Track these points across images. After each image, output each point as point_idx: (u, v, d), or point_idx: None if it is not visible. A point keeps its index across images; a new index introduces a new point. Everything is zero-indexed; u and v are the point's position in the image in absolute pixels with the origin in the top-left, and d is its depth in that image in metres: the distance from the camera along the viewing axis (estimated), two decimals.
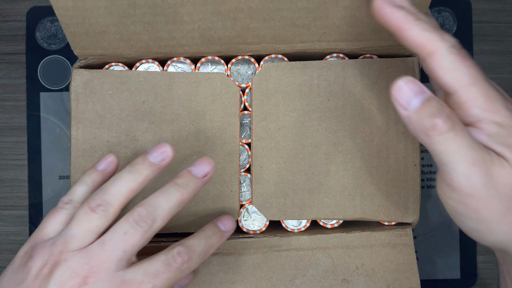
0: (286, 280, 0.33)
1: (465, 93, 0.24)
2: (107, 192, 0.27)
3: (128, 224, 0.26)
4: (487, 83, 0.24)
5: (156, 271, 0.26)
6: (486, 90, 0.23)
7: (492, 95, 0.23)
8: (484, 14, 0.45)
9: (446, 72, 0.24)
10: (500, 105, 0.23)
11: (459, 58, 0.24)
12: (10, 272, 0.27)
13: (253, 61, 0.34)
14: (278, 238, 0.33)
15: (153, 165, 0.28)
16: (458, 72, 0.24)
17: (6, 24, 0.44)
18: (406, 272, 0.33)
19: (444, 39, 0.24)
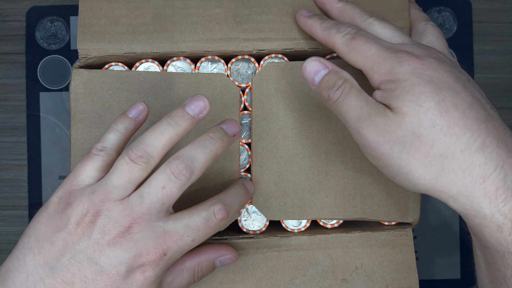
0: (286, 280, 0.33)
1: (364, 66, 0.28)
2: (148, 144, 0.27)
3: (166, 178, 0.26)
4: (379, 51, 0.27)
5: (196, 226, 0.27)
6: (378, 57, 0.27)
7: (385, 58, 0.27)
8: (484, 14, 0.45)
9: (346, 55, 0.29)
10: (392, 64, 0.27)
11: (351, 42, 0.28)
12: (45, 218, 0.26)
13: (253, 60, 0.34)
14: (278, 238, 0.33)
15: (191, 118, 0.28)
16: (354, 53, 0.28)
17: (6, 24, 0.44)
18: (405, 272, 0.33)
19: (339, 31, 0.29)
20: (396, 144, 0.26)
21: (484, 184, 0.24)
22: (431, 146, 0.25)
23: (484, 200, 0.24)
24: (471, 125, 0.25)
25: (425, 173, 0.26)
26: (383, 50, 0.27)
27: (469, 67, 0.44)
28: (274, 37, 0.33)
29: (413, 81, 0.26)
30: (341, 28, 0.29)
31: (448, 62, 0.27)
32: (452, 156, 0.25)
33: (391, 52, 0.27)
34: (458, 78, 0.26)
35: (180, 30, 0.33)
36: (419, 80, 0.26)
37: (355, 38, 0.28)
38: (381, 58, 0.27)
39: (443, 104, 0.25)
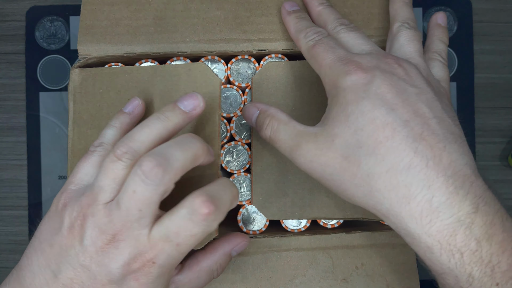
0: (286, 280, 0.33)
1: (320, 76, 0.29)
2: (135, 139, 0.25)
3: (137, 179, 0.23)
4: (332, 61, 0.27)
5: (177, 228, 0.24)
6: (329, 68, 0.27)
7: (334, 70, 0.27)
8: (485, 13, 0.45)
9: (308, 62, 0.30)
10: (337, 77, 0.27)
11: (311, 49, 0.29)
12: (47, 219, 0.26)
13: (253, 60, 0.34)
14: (278, 238, 0.33)
15: (184, 113, 0.26)
16: (312, 61, 0.29)
17: (6, 23, 0.44)
18: (405, 272, 0.33)
19: (305, 37, 0.30)
20: (328, 166, 0.26)
21: (410, 205, 0.24)
22: (358, 167, 0.25)
23: (411, 221, 0.24)
24: (399, 144, 0.24)
25: (357, 192, 0.25)
26: (336, 61, 0.27)
27: (469, 67, 0.44)
28: (274, 37, 0.33)
29: (349, 98, 0.25)
30: (308, 34, 0.30)
31: (399, 73, 0.26)
32: (378, 177, 0.24)
33: (342, 63, 0.27)
34: (401, 92, 0.25)
35: (181, 31, 0.33)
36: (355, 98, 0.25)
37: (315, 45, 0.29)
38: (331, 69, 0.27)
39: (372, 124, 0.25)
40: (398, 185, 0.24)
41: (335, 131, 0.26)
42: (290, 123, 0.28)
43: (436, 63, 0.30)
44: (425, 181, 0.23)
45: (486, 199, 0.23)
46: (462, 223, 0.23)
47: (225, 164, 0.34)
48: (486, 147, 0.44)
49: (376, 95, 0.25)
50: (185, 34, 0.33)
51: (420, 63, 0.28)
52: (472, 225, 0.23)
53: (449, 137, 0.25)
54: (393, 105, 0.25)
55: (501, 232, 0.23)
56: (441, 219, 0.23)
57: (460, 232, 0.23)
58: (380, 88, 0.25)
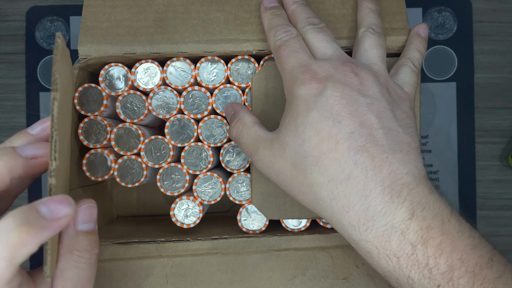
0: (286, 280, 0.33)
1: (282, 78, 0.29)
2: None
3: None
4: (292, 67, 0.28)
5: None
6: (289, 74, 0.28)
7: (292, 77, 0.28)
8: (484, 14, 0.45)
9: (276, 62, 0.30)
10: (293, 85, 0.27)
11: (277, 50, 0.29)
12: None
13: (253, 60, 0.34)
14: (278, 237, 0.33)
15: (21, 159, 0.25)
16: (277, 62, 0.30)
17: (6, 23, 0.44)
18: None
19: (274, 36, 0.30)
20: (280, 173, 0.27)
21: (349, 214, 0.25)
22: (304, 175, 0.26)
23: (351, 228, 0.25)
24: (341, 155, 0.25)
25: (305, 199, 0.27)
26: (296, 67, 0.28)
27: (469, 67, 0.44)
28: None
29: (300, 109, 0.26)
30: (277, 32, 0.30)
31: (353, 83, 0.26)
32: (321, 186, 0.25)
33: (301, 70, 0.27)
34: (350, 104, 0.26)
35: (181, 32, 0.33)
36: (305, 108, 0.26)
37: (281, 47, 0.29)
38: (290, 75, 0.28)
39: (318, 136, 0.25)
40: (338, 195, 0.25)
41: (286, 140, 0.27)
42: (252, 128, 0.29)
43: (405, 69, 0.31)
44: (363, 192, 0.24)
45: (425, 204, 0.24)
46: (396, 229, 0.24)
47: (225, 164, 0.34)
48: (486, 147, 0.44)
49: (324, 106, 0.26)
50: (185, 34, 0.33)
51: (380, 70, 0.29)
52: (407, 230, 0.24)
53: (394, 147, 0.25)
54: (339, 117, 0.25)
55: (440, 235, 0.24)
56: (376, 226, 0.24)
57: (395, 238, 0.24)
58: (329, 100, 0.26)
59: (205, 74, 0.34)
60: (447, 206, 0.25)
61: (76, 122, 0.34)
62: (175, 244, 0.33)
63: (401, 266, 0.24)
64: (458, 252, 0.24)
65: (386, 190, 0.24)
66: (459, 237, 0.24)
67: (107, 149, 0.35)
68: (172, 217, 0.34)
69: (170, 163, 0.34)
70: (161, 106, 0.34)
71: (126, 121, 0.34)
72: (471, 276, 0.23)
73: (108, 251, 0.33)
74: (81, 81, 0.34)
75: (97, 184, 0.39)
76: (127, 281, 0.32)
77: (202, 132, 0.34)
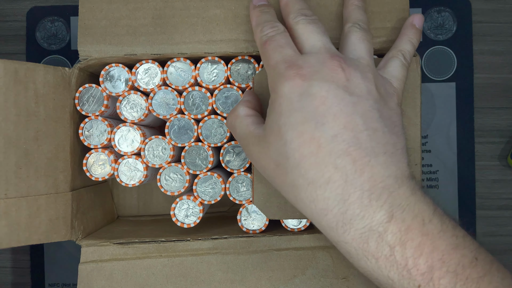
0: (286, 279, 0.33)
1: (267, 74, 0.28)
2: None
3: None
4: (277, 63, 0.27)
5: None
6: (274, 70, 0.27)
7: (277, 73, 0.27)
8: (484, 14, 0.45)
9: (261, 58, 0.29)
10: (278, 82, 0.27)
11: (263, 45, 0.29)
12: None
13: (253, 61, 0.34)
14: (278, 237, 0.33)
15: None
16: (263, 57, 0.29)
17: (6, 24, 0.44)
18: None
19: (261, 31, 0.29)
20: (266, 169, 0.27)
21: (327, 217, 0.25)
22: (285, 176, 0.26)
23: (329, 230, 0.25)
24: (322, 159, 0.24)
25: (288, 197, 0.27)
26: (281, 63, 0.27)
27: (468, 67, 0.44)
28: None
29: (283, 109, 0.26)
30: (264, 28, 0.29)
31: (340, 80, 0.26)
32: (301, 188, 0.25)
33: (285, 66, 0.26)
34: (336, 104, 0.25)
35: (180, 32, 0.33)
36: (288, 109, 0.26)
37: (266, 42, 0.28)
38: (274, 71, 0.27)
39: (300, 138, 0.25)
40: (317, 198, 0.25)
41: (270, 139, 0.26)
42: (244, 121, 0.29)
43: (395, 62, 0.30)
44: (341, 196, 0.24)
45: (406, 206, 0.24)
46: (374, 232, 0.24)
47: (225, 164, 0.34)
48: (485, 147, 0.44)
49: (308, 107, 0.25)
50: (185, 34, 0.33)
51: (368, 64, 0.28)
52: (385, 233, 0.24)
53: (378, 150, 0.25)
54: (323, 119, 0.25)
55: (419, 236, 0.24)
56: (354, 229, 0.24)
57: (373, 240, 0.24)
58: (314, 100, 0.25)
59: (205, 74, 0.34)
60: (429, 206, 0.25)
61: (77, 122, 0.34)
62: (175, 244, 0.33)
63: (380, 267, 0.24)
64: (439, 252, 0.23)
65: (365, 194, 0.24)
66: (441, 237, 0.24)
67: (108, 149, 0.35)
68: (173, 216, 0.34)
69: (170, 163, 0.34)
70: (161, 106, 0.34)
71: (127, 121, 0.34)
72: (452, 276, 0.23)
73: (108, 251, 0.33)
74: (81, 81, 0.35)
75: (99, 184, 0.39)
76: (127, 281, 0.32)
77: (202, 132, 0.34)
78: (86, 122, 0.34)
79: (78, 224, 0.34)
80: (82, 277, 0.32)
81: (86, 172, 0.34)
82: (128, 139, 0.34)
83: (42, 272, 0.44)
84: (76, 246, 0.33)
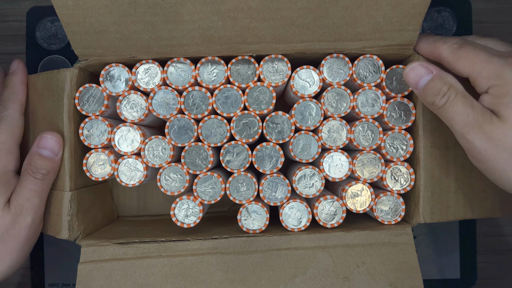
0: (286, 279, 0.33)
1: (472, 72, 0.29)
2: None
3: None
4: (488, 57, 0.28)
5: None
6: (487, 63, 0.28)
7: (494, 64, 0.28)
8: (484, 14, 0.45)
9: (452, 64, 0.30)
10: (502, 69, 0.28)
11: (458, 50, 0.30)
12: None
13: (253, 61, 0.34)
14: (278, 237, 0.33)
15: None
16: (461, 60, 0.30)
17: (6, 24, 0.45)
18: (408, 271, 0.33)
19: (446, 42, 0.30)
20: (503, 151, 0.27)
21: None
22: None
23: None
24: None
25: None
26: (492, 56, 0.28)
27: None
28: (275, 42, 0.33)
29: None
30: (447, 40, 0.31)
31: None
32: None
33: (501, 58, 0.28)
34: None
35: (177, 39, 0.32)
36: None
37: (462, 46, 0.30)
38: (490, 63, 0.28)
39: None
40: None
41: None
42: (469, 97, 0.29)
43: None
44: None
45: None
46: None
47: (225, 164, 0.34)
48: None
49: None
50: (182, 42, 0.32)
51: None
52: None
53: None
54: None
55: None
56: None
57: None
58: None
59: (205, 74, 0.34)
60: None
61: (77, 122, 0.34)
62: (175, 244, 0.33)
63: None
64: None
65: None
66: None
67: (108, 149, 0.35)
68: (173, 216, 0.34)
69: (170, 163, 0.34)
70: (161, 106, 0.34)
71: (127, 121, 0.34)
72: None
73: (108, 251, 0.33)
74: (81, 81, 0.34)
75: (99, 184, 0.39)
76: (126, 281, 0.32)
77: (202, 132, 0.34)
78: (86, 122, 0.34)
79: (79, 224, 0.34)
80: (81, 277, 0.32)
81: (86, 172, 0.34)
82: (128, 139, 0.34)
83: (42, 272, 0.44)
84: (76, 246, 0.33)
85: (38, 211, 0.33)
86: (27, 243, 0.33)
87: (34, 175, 0.32)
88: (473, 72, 0.29)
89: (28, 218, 0.32)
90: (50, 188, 0.34)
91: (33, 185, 0.32)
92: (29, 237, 0.32)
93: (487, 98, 0.28)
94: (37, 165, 0.32)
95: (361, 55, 0.34)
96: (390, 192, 0.35)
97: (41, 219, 0.33)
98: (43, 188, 0.33)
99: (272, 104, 0.34)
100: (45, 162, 0.32)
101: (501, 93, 0.28)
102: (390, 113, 0.35)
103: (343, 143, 0.34)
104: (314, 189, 0.34)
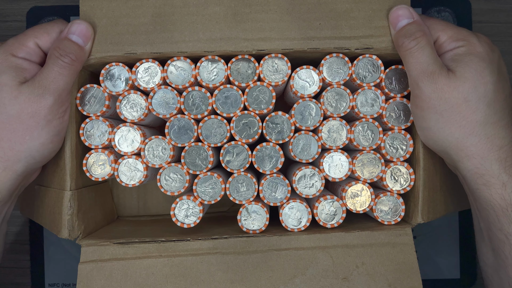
0: (286, 279, 0.33)
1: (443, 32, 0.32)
2: None
3: None
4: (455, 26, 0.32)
5: None
6: (457, 28, 0.32)
7: (463, 30, 0.32)
8: (484, 14, 0.45)
9: None
10: (469, 35, 0.31)
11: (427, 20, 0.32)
12: None
13: (253, 60, 0.34)
14: (278, 237, 0.33)
15: None
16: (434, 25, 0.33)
17: (6, 24, 0.44)
18: (407, 272, 0.33)
19: None
20: (445, 103, 0.30)
21: (499, 151, 0.30)
22: (473, 112, 0.30)
23: (495, 162, 0.30)
24: (506, 107, 0.30)
25: (456, 132, 0.30)
26: (461, 27, 0.32)
27: None
28: (274, 36, 0.33)
29: (483, 56, 0.30)
30: None
31: None
32: (484, 125, 0.30)
33: (467, 30, 0.32)
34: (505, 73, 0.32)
35: (180, 30, 0.33)
36: (488, 58, 0.30)
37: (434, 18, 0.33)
38: (460, 30, 0.32)
39: (497, 84, 0.30)
40: (495, 135, 0.30)
41: (467, 75, 0.30)
42: (434, 50, 0.31)
43: None
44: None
45: None
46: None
47: (225, 164, 0.34)
48: None
49: (499, 66, 0.31)
50: (184, 33, 0.33)
51: None
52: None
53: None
54: (505, 77, 0.32)
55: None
56: None
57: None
58: (500, 61, 0.32)
59: (205, 73, 0.34)
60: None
61: (78, 122, 0.34)
62: (175, 244, 0.33)
63: None
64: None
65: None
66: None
67: (108, 149, 0.35)
68: (173, 216, 0.34)
69: (170, 163, 0.34)
70: (161, 106, 0.34)
71: (127, 120, 0.34)
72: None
73: (108, 251, 0.33)
74: (82, 80, 0.35)
75: (100, 183, 0.39)
76: (127, 281, 0.32)
77: (202, 132, 0.34)
78: (87, 122, 0.34)
79: (79, 224, 0.34)
80: (81, 277, 0.32)
81: (86, 172, 0.34)
82: (128, 139, 0.34)
83: (42, 272, 0.44)
84: (76, 246, 0.34)
85: (61, 94, 0.32)
86: (48, 124, 0.31)
87: (62, 59, 0.31)
88: (445, 34, 0.32)
89: (50, 98, 0.31)
90: (74, 79, 0.33)
91: (59, 68, 0.31)
92: (50, 118, 0.31)
93: (449, 56, 0.31)
94: (66, 48, 0.32)
95: (361, 55, 0.34)
96: (390, 192, 0.35)
97: (64, 105, 0.32)
98: (70, 73, 0.32)
99: (272, 103, 0.34)
100: (74, 47, 0.32)
101: (464, 52, 0.31)
102: (389, 113, 0.35)
103: (343, 143, 0.34)
104: (314, 189, 0.34)
